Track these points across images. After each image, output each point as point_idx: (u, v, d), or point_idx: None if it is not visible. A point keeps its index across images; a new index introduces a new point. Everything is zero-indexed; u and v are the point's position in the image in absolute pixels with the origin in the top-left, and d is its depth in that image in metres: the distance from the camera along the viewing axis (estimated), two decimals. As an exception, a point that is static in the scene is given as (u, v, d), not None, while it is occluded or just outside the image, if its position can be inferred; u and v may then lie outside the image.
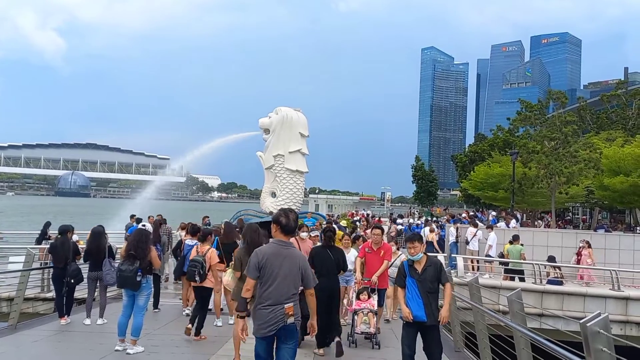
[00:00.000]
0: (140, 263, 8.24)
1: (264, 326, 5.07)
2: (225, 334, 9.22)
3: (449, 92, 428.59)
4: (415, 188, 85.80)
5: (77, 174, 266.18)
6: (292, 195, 26.13)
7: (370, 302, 9.19)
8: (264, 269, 5.17)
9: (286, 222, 5.37)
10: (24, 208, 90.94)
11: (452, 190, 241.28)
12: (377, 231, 10.08)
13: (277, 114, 26.57)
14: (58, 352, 8.41)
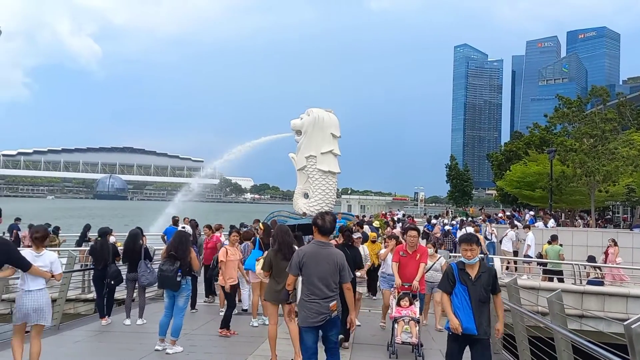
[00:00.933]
0: (181, 264, 8.39)
1: (311, 317, 5.76)
2: (261, 334, 9.29)
3: (483, 89, 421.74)
4: (449, 188, 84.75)
5: (114, 177, 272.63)
6: (324, 196, 26.16)
7: (412, 309, 8.55)
8: (305, 267, 5.86)
9: (322, 223, 5.96)
10: (64, 211, 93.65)
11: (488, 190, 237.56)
12: (413, 233, 9.36)
13: (308, 115, 26.64)
14: (99, 352, 8.62)
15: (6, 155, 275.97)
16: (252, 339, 9.30)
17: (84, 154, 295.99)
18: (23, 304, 6.54)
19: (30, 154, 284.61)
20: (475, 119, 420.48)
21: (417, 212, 72.47)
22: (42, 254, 6.79)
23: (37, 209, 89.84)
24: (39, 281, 6.63)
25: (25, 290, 6.56)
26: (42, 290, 6.63)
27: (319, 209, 25.59)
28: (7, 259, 6.43)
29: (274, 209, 32.13)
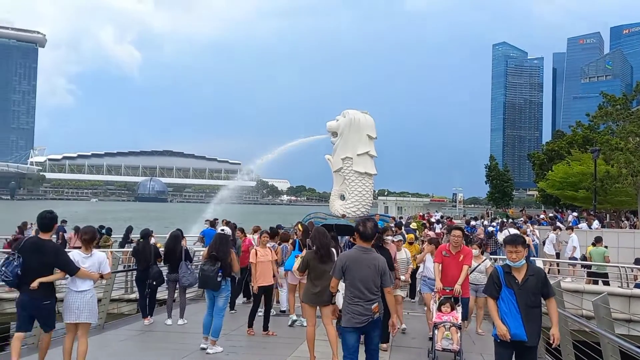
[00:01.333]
0: (221, 264, 8.52)
1: (354, 319, 6.00)
2: (299, 335, 9.33)
3: (523, 88, 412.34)
4: (488, 189, 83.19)
5: (155, 180, 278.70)
6: (361, 198, 26.07)
7: (453, 314, 8.14)
8: (348, 271, 6.10)
9: (363, 230, 6.21)
10: (107, 213, 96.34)
11: (529, 191, 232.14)
12: (457, 232, 8.91)
13: (344, 117, 26.62)
14: (143, 350, 8.83)
15: (52, 159, 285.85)
16: (291, 340, 9.36)
17: (125, 157, 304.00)
18: (71, 303, 6.79)
19: (74, 158, 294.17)
20: (515, 118, 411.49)
21: (456, 214, 71.39)
22: (91, 255, 7.05)
23: (81, 211, 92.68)
24: (87, 282, 6.89)
25: (73, 290, 6.82)
26: (89, 291, 6.88)
27: (356, 211, 25.54)
28: (55, 263, 6.65)
29: (311, 210, 32.22)
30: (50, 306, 6.72)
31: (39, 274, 6.51)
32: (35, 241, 6.76)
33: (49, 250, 6.65)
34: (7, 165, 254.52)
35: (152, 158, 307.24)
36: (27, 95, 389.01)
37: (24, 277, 6.49)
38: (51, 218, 6.91)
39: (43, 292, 6.55)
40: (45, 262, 6.57)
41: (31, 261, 6.50)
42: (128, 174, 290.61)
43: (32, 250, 6.56)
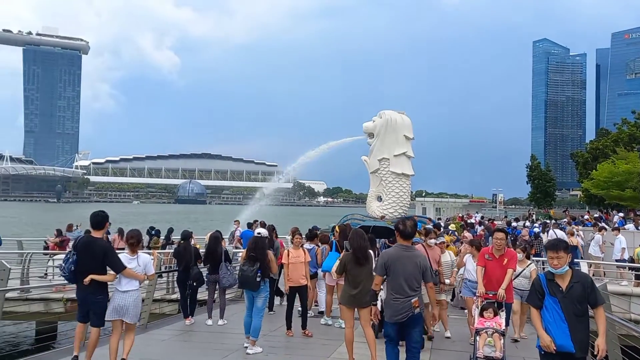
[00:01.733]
0: (260, 265, 8.65)
1: (395, 314, 6.34)
2: (338, 337, 9.32)
3: (565, 85, 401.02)
4: (530, 189, 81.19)
5: (194, 182, 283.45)
6: (398, 199, 25.92)
7: (496, 320, 7.73)
8: (390, 268, 6.44)
9: (403, 228, 6.59)
10: (149, 215, 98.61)
11: (572, 191, 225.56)
12: (500, 234, 8.53)
13: (380, 117, 26.54)
14: (185, 350, 8.99)
15: (96, 163, 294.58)
16: (329, 342, 9.37)
17: (165, 160, 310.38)
18: (117, 302, 7.13)
19: (117, 161, 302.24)
20: (557, 116, 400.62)
21: (496, 215, 70.00)
22: (136, 257, 7.42)
23: (124, 213, 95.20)
24: (133, 282, 7.23)
25: (120, 291, 7.16)
26: (135, 291, 7.23)
27: (393, 212, 25.41)
28: (103, 260, 7.03)
29: (347, 212, 32.20)
30: (102, 302, 7.14)
31: (91, 270, 6.97)
32: (86, 240, 7.26)
33: (99, 248, 7.05)
34: (54, 169, 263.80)
35: (191, 161, 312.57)
36: (71, 101, 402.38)
37: (78, 273, 6.99)
38: (103, 217, 7.32)
39: (95, 288, 7.02)
40: (95, 259, 6.99)
41: (84, 258, 7.00)
42: (168, 177, 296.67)
43: (84, 248, 7.06)
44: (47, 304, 14.43)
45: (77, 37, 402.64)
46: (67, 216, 68.65)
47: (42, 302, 14.42)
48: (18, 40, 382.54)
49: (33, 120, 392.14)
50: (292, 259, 10.05)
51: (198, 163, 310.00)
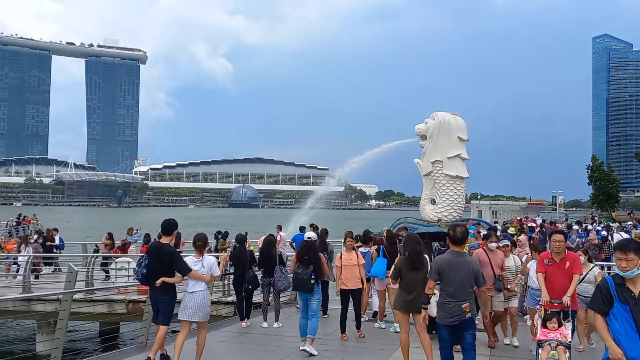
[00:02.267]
0: (314, 267, 8.90)
1: (448, 317, 6.58)
2: (393, 342, 9.23)
3: (628, 82, 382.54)
4: (592, 190, 77.82)
5: (247, 186, 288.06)
6: (452, 202, 25.42)
7: (561, 331, 7.14)
8: (443, 273, 6.65)
9: (454, 234, 6.79)
10: (204, 219, 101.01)
11: (637, 192, 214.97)
12: (558, 237, 7.84)
13: (433, 119, 26.13)
14: (242, 352, 9.13)
15: (154, 169, 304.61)
16: (384, 347, 9.29)
17: (219, 165, 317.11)
18: (186, 303, 7.63)
19: (174, 167, 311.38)
20: (620, 114, 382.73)
21: (556, 218, 67.54)
22: (202, 259, 7.81)
23: (182, 217, 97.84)
24: (199, 284, 7.67)
25: (188, 292, 7.65)
26: (202, 292, 7.67)
27: (447, 215, 24.94)
28: (170, 264, 7.54)
29: (400, 215, 31.84)
30: (168, 302, 7.68)
31: (160, 273, 7.55)
32: (156, 245, 7.91)
33: (166, 252, 7.61)
34: (115, 175, 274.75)
35: (244, 165, 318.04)
36: (131, 109, 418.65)
37: (150, 276, 7.61)
38: (172, 224, 7.89)
39: (164, 289, 7.60)
40: (163, 263, 7.56)
41: (153, 262, 7.62)
42: (222, 181, 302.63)
43: (154, 253, 7.71)
44: (110, 305, 14.99)
45: (135, 47, 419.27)
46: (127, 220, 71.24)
47: (105, 303, 14.98)
48: (80, 52, 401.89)
49: (95, 128, 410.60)
50: (344, 261, 10.06)
51: (251, 168, 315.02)
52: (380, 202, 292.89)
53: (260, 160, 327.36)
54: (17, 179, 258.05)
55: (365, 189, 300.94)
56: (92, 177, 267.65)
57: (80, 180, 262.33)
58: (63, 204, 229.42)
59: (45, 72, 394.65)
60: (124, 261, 16.17)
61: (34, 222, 39.04)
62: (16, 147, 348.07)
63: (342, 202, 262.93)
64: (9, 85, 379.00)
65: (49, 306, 14.31)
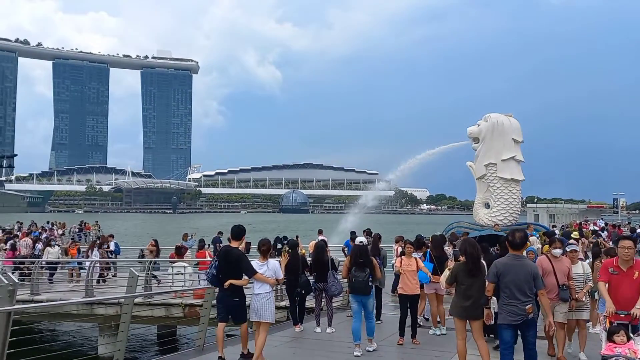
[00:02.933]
0: (370, 271, 9.05)
1: (510, 317, 6.76)
2: (449, 348, 9.03)
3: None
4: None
5: (297, 192, 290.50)
6: (507, 206, 24.80)
7: (630, 346, 6.52)
8: (502, 276, 6.85)
9: (512, 239, 7.02)
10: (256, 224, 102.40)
11: None
12: (626, 243, 7.12)
13: (486, 121, 25.63)
14: (297, 357, 9.20)
15: (207, 175, 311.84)
16: (440, 354, 9.13)
17: (269, 171, 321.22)
18: (253, 305, 8.15)
19: (225, 173, 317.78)
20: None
21: (618, 221, 64.56)
22: (266, 263, 8.32)
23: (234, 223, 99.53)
24: (264, 286, 8.21)
25: (254, 294, 8.18)
26: (267, 293, 8.19)
27: (502, 219, 24.33)
28: (239, 266, 8.05)
29: (451, 220, 31.32)
30: (238, 303, 8.19)
31: (229, 275, 8.07)
32: (226, 248, 8.40)
33: (234, 256, 8.14)
34: (170, 182, 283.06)
35: (294, 171, 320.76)
36: (184, 118, 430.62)
37: (219, 277, 8.13)
38: (241, 230, 8.40)
39: (232, 291, 8.09)
40: (231, 265, 8.09)
41: (223, 265, 8.16)
42: (272, 187, 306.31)
43: (223, 256, 8.24)
44: (168, 309, 15.37)
45: (188, 58, 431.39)
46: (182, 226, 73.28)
47: (163, 307, 15.38)
48: (136, 64, 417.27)
49: (151, 137, 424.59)
50: (404, 266, 10.09)
51: (300, 173, 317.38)
52: (431, 206, 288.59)
53: (310, 166, 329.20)
54: (79, 187, 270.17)
55: (416, 193, 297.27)
56: (148, 185, 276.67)
57: (137, 188, 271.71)
58: (121, 211, 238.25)
59: (104, 84, 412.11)
60: (180, 266, 16.55)
61: (95, 229, 40.65)
62: (78, 157, 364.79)
63: (392, 206, 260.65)
64: (70, 98, 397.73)
65: (110, 309, 14.82)
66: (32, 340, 15.11)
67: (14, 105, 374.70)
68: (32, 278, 16.51)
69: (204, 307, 10.21)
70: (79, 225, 40.02)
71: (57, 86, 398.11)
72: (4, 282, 6.05)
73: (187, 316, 14.65)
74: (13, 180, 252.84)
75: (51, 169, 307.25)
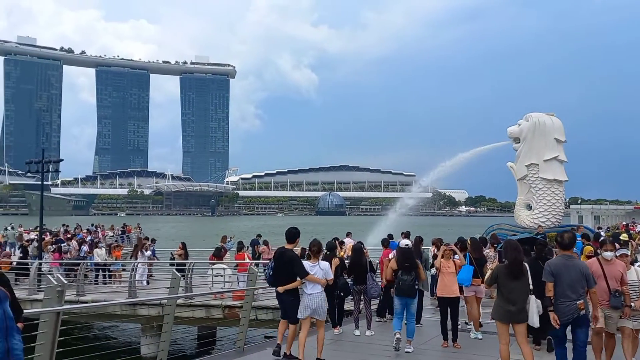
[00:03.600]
0: (415, 273, 9.34)
1: (562, 316, 7.02)
2: (492, 353, 8.83)
3: None
4: None
5: (333, 194, 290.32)
6: (550, 207, 24.20)
7: None
8: (556, 276, 7.16)
9: (561, 240, 7.43)
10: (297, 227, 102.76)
11: None
12: None
13: (527, 120, 25.09)
14: (336, 359, 9.15)
15: (244, 178, 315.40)
16: (484, 358, 8.96)
17: (306, 174, 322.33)
18: (305, 303, 8.54)
19: (262, 176, 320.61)
20: None
21: (667, 223, 61.98)
22: (318, 264, 8.71)
23: (272, 225, 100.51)
24: (316, 286, 8.58)
25: (307, 293, 8.53)
26: (319, 293, 8.58)
27: (545, 221, 23.75)
28: (292, 268, 8.45)
29: (492, 222, 30.73)
30: (292, 301, 8.62)
31: (283, 275, 8.57)
32: (281, 250, 8.86)
33: (288, 258, 8.57)
34: (208, 186, 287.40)
35: (330, 173, 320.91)
36: (222, 122, 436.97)
37: (275, 277, 8.67)
38: (295, 233, 8.86)
39: (287, 291, 8.55)
40: (284, 267, 8.54)
41: (278, 265, 8.65)
42: (309, 189, 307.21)
43: (278, 257, 8.73)
44: (208, 311, 15.59)
45: (225, 63, 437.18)
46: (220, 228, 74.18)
47: (203, 308, 15.61)
48: (175, 69, 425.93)
49: (190, 141, 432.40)
50: (443, 269, 9.96)
51: (337, 175, 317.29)
52: (470, 208, 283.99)
53: (346, 168, 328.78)
54: (121, 190, 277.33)
55: (455, 195, 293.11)
56: (187, 188, 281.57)
57: (177, 191, 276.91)
58: (162, 214, 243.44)
59: (144, 90, 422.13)
60: (220, 268, 16.76)
61: (137, 231, 41.63)
62: (120, 161, 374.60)
63: (430, 208, 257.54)
64: (113, 104, 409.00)
65: (153, 310, 15.15)
66: (78, 339, 15.59)
67: (60, 112, 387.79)
68: (77, 279, 17.02)
69: (244, 308, 10.31)
70: (122, 228, 41.08)
71: (100, 93, 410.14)
72: (54, 283, 6.25)
73: (226, 317, 14.84)
74: (59, 184, 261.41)
75: (95, 173, 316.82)
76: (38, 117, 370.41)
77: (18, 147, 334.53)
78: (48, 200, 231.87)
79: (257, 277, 11.39)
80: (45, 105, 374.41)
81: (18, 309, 5.15)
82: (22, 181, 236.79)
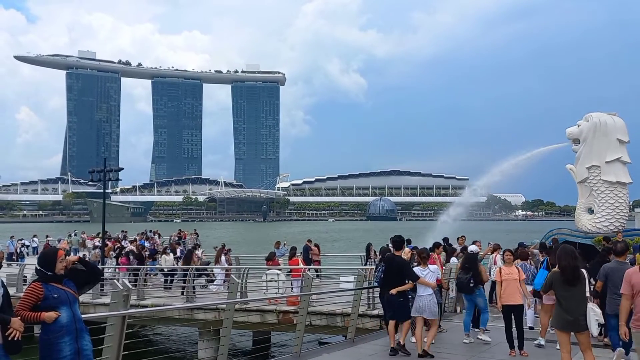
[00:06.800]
0: (473, 273, 10.46)
1: (615, 308, 7.62)
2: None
3: None
4: None
5: (384, 199, 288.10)
6: (613, 211, 23.19)
7: None
8: (609, 277, 8.46)
9: (615, 248, 8.84)
10: (344, 232, 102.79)
11: None
12: None
13: (587, 121, 24.17)
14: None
15: (295, 184, 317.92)
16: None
17: (356, 179, 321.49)
18: (417, 304, 9.56)
19: (312, 182, 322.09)
20: None
21: None
22: (427, 268, 9.75)
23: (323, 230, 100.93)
24: (427, 289, 9.61)
25: (418, 295, 9.59)
26: (429, 295, 9.55)
27: (608, 225, 22.80)
28: (402, 273, 9.47)
29: (551, 226, 29.68)
30: (401, 303, 9.51)
31: (392, 278, 9.58)
32: (390, 256, 10.02)
33: (396, 263, 9.63)
34: (260, 192, 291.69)
35: (380, 178, 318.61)
36: (272, 129, 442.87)
37: (385, 280, 9.73)
38: (401, 241, 10.04)
39: (397, 294, 9.44)
40: (393, 271, 9.57)
41: (387, 269, 9.72)
42: (359, 195, 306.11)
43: (388, 262, 9.83)
44: (263, 315, 15.78)
45: (275, 70, 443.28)
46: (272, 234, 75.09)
47: (258, 313, 15.81)
48: (227, 78, 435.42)
49: (241, 148, 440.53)
50: (504, 275, 9.73)
51: (387, 180, 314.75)
52: (527, 212, 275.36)
53: (397, 173, 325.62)
54: (176, 197, 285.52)
55: (510, 199, 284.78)
56: (239, 194, 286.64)
57: (229, 197, 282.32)
58: (215, 220, 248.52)
59: (198, 99, 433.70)
60: (274, 273, 16.94)
61: (193, 237, 42.62)
62: (175, 169, 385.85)
63: (485, 213, 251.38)
64: (168, 114, 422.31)
65: (209, 315, 15.48)
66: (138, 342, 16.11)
67: (118, 122, 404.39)
68: (137, 284, 17.61)
69: (300, 314, 10.37)
70: (177, 234, 42.18)
71: (155, 103, 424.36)
72: (119, 287, 6.51)
73: (281, 322, 14.97)
74: (118, 192, 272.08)
75: (151, 181, 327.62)
76: (98, 127, 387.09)
77: (80, 157, 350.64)
78: (108, 207, 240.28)
79: (312, 283, 11.43)
80: (105, 116, 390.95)
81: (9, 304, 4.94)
82: (84, 189, 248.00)
